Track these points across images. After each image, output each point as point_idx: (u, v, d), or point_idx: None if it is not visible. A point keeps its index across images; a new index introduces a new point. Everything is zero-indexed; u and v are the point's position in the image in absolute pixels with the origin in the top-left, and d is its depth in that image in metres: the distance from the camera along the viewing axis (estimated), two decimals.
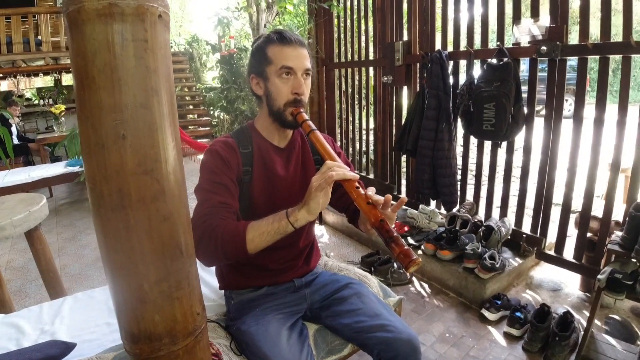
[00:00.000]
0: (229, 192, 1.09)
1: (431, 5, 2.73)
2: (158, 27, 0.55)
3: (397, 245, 0.84)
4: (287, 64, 1.10)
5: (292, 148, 1.26)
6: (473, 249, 2.26)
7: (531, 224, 2.49)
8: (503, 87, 2.22)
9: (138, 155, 0.55)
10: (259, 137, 1.21)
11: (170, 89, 0.59)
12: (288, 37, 1.12)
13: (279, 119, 1.15)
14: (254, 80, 1.18)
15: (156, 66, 0.55)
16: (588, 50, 2.03)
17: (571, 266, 2.35)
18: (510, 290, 2.41)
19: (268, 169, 1.19)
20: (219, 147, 1.14)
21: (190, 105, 7.78)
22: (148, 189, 0.56)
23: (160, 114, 0.56)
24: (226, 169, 1.11)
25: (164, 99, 0.56)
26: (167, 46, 0.57)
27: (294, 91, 1.12)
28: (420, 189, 2.74)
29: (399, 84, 3.05)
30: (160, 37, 0.56)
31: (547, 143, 2.29)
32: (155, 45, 0.54)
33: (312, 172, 1.28)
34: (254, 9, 4.92)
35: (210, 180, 1.09)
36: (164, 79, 0.56)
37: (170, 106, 0.58)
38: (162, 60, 0.56)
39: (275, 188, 1.20)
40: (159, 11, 0.54)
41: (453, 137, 2.61)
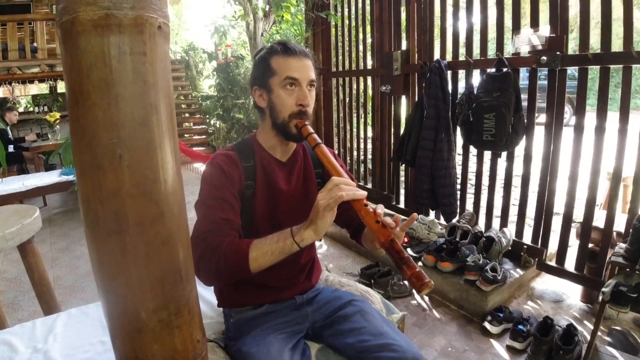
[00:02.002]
0: (231, 208, 1.05)
1: (429, 14, 2.72)
2: (157, 39, 0.52)
3: (408, 268, 0.81)
4: (292, 74, 1.08)
5: (294, 162, 1.23)
6: (474, 261, 2.23)
7: (532, 234, 2.46)
8: (503, 97, 2.21)
9: (136, 176, 0.51)
10: (261, 150, 1.18)
11: (170, 105, 0.56)
12: (292, 48, 1.10)
13: (282, 131, 1.12)
14: (256, 92, 1.15)
15: (155, 80, 0.51)
16: (588, 61, 2.02)
17: (573, 277, 2.33)
18: (511, 302, 2.38)
19: (270, 183, 1.16)
20: (221, 160, 1.11)
21: (187, 113, 7.74)
22: (146, 211, 0.53)
23: (160, 132, 0.52)
24: (228, 183, 1.08)
25: (163, 115, 0.53)
26: (167, 59, 0.54)
27: (298, 102, 1.09)
28: (420, 199, 2.72)
29: (398, 94, 3.04)
30: (159, 49, 0.52)
31: (548, 152, 2.27)
32: (154, 59, 0.51)
33: (313, 186, 1.25)
34: (251, 17, 4.91)
35: (212, 194, 1.05)
36: (164, 94, 0.53)
37: (170, 123, 0.55)
38: (162, 74, 0.53)
39: (277, 203, 1.17)
40: (158, 22, 0.51)
41: (452, 147, 2.59)
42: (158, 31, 0.51)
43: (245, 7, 5.01)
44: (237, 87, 6.09)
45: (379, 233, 0.87)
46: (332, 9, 3.65)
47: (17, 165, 5.55)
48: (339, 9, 3.63)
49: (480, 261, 2.25)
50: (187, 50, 8.36)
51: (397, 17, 3.02)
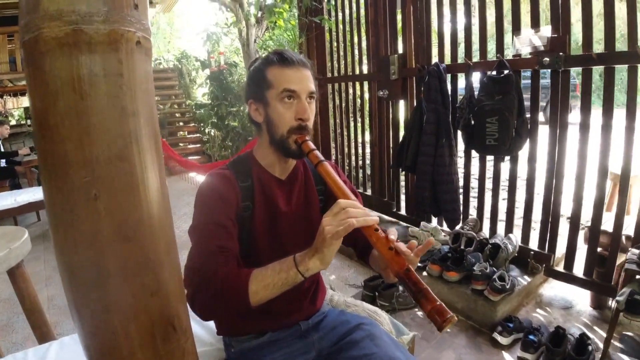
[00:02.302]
0: (228, 233, 0.97)
1: (426, 17, 2.66)
2: (136, 56, 0.44)
3: (427, 301, 0.74)
4: (290, 86, 1.00)
5: (295, 179, 1.15)
6: (481, 270, 2.16)
7: (538, 239, 2.40)
8: (505, 100, 2.15)
9: (115, 220, 0.44)
10: (259, 168, 1.10)
11: (154, 132, 0.48)
12: (289, 58, 1.02)
13: (281, 147, 1.04)
14: (252, 105, 1.07)
15: (135, 106, 0.44)
16: (592, 61, 1.96)
17: (581, 282, 2.27)
18: (520, 310, 2.31)
19: (270, 203, 1.08)
20: (216, 181, 1.03)
21: (181, 122, 7.66)
22: (130, 259, 0.45)
23: (142, 166, 0.45)
24: (224, 206, 1.00)
25: (146, 145, 0.46)
26: (148, 79, 0.47)
27: (297, 117, 1.01)
28: (422, 206, 2.65)
29: (395, 98, 2.98)
30: (139, 69, 0.45)
31: (553, 154, 2.21)
32: (133, 80, 0.44)
33: (316, 205, 1.17)
34: (244, 24, 4.84)
35: (207, 219, 0.97)
36: (147, 122, 0.46)
37: (155, 154, 0.47)
38: (143, 98, 0.45)
39: (278, 224, 1.09)
40: (137, 37, 0.44)
41: (454, 152, 2.53)
42: (137, 47, 0.44)
43: (237, 14, 4.95)
44: (231, 95, 6.01)
45: (392, 261, 0.79)
46: (325, 14, 3.59)
47: (9, 180, 5.43)
48: (333, 13, 3.57)
49: (487, 270, 2.17)
50: (180, 59, 8.28)
51: (392, 20, 2.96)
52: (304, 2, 3.44)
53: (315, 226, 1.21)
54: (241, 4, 4.72)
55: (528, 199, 2.38)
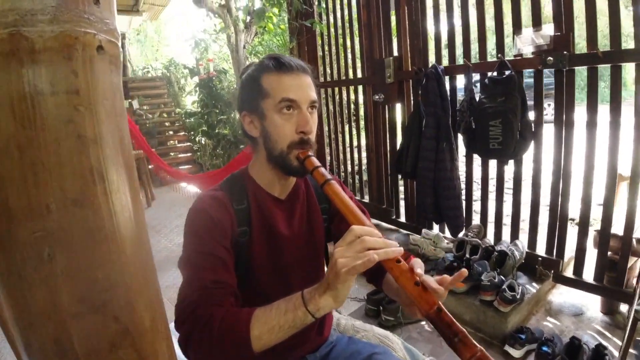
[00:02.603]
0: (224, 265, 0.86)
1: (422, 18, 2.58)
2: (97, 66, 0.34)
3: (466, 347, 0.63)
4: (289, 95, 0.88)
5: (296, 199, 1.03)
6: (490, 280, 2.06)
7: (546, 245, 2.31)
8: (508, 102, 2.06)
9: (79, 285, 0.33)
10: (255, 188, 0.98)
11: (126, 164, 0.37)
12: (287, 63, 0.90)
13: (281, 164, 0.93)
14: (246, 118, 0.96)
15: (98, 132, 0.33)
16: (599, 59, 1.89)
17: (592, 288, 2.19)
18: (530, 319, 2.22)
19: (269, 227, 0.97)
20: (207, 205, 0.91)
21: (170, 131, 7.50)
22: (103, 333, 0.34)
23: (110, 211, 0.34)
24: (218, 233, 0.88)
25: (115, 183, 0.34)
26: (115, 95, 0.36)
27: (299, 129, 0.90)
28: (424, 213, 2.55)
29: (391, 102, 2.89)
30: (102, 82, 0.34)
31: (559, 155, 2.13)
32: (94, 98, 0.33)
33: (319, 227, 1.06)
34: (232, 29, 4.73)
35: (199, 250, 0.86)
36: (114, 150, 0.35)
37: (129, 191, 0.36)
38: (109, 121, 0.35)
39: (278, 251, 0.98)
40: (97, 40, 0.33)
41: (455, 157, 2.44)
42: (98, 54, 0.33)
43: (225, 20, 4.84)
44: (221, 102, 5.89)
45: (420, 299, 0.68)
46: (316, 17, 3.49)
47: None
48: (324, 16, 3.48)
49: (496, 279, 2.08)
50: (168, 66, 8.14)
51: (386, 22, 2.87)
52: (294, 6, 3.35)
53: (319, 251, 1.09)
54: (229, 10, 4.61)
55: (534, 203, 2.30)
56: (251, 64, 0.99)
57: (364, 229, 0.70)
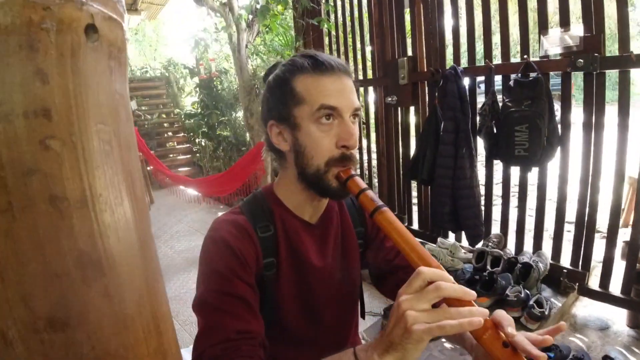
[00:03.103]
0: (249, 309, 0.73)
1: (438, 16, 2.45)
2: (87, 62, 0.23)
3: None
4: (329, 102, 0.74)
5: (329, 223, 0.89)
6: (516, 295, 1.94)
7: (571, 256, 2.20)
8: (535, 106, 1.95)
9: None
10: (283, 211, 0.84)
11: (146, 244, 0.24)
12: (326, 62, 0.76)
13: (316, 185, 0.79)
14: (273, 128, 0.82)
15: (89, 186, 0.21)
16: (632, 63, 1.77)
17: (619, 301, 2.09)
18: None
19: (299, 258, 0.83)
20: (227, 234, 0.77)
21: (169, 132, 7.35)
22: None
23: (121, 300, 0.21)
24: (241, 269, 0.75)
25: (115, 252, 0.22)
26: (120, 114, 0.24)
27: (340, 143, 0.76)
28: (441, 223, 2.43)
29: (405, 105, 2.76)
30: (96, 92, 0.24)
31: (587, 164, 2.01)
32: (81, 123, 0.21)
33: (355, 255, 0.92)
34: (234, 28, 4.59)
35: (219, 291, 0.73)
36: (121, 216, 0.22)
37: (147, 259, 0.23)
38: (110, 163, 0.22)
39: (310, 285, 0.84)
40: (87, 15, 0.21)
41: (474, 163, 2.32)
42: (88, 41, 0.21)
43: (227, 18, 4.70)
44: (221, 104, 5.75)
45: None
46: (324, 15, 3.36)
47: None
48: (332, 14, 3.35)
49: (522, 294, 1.96)
50: (167, 66, 7.98)
51: (400, 21, 2.74)
52: (301, 3, 3.21)
53: (355, 285, 0.94)
54: (231, 8, 4.46)
55: (559, 211, 2.18)
56: (277, 63, 0.85)
57: (435, 273, 0.56)
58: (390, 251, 0.96)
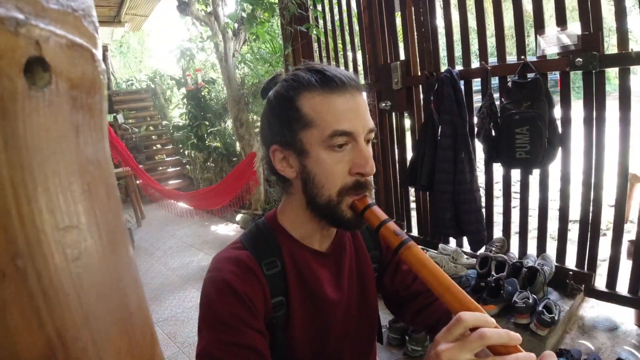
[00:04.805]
0: (260, 358, 0.65)
1: (431, 18, 2.41)
2: (34, 118, 0.13)
3: None
4: (343, 127, 0.66)
5: (342, 250, 0.81)
6: (524, 301, 1.89)
7: (576, 257, 2.16)
8: (535, 108, 1.91)
9: None
10: (289, 242, 0.76)
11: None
12: (337, 79, 0.67)
13: (328, 215, 0.71)
14: (277, 154, 0.72)
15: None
16: (631, 60, 1.75)
17: (626, 301, 2.07)
18: (564, 339, 2.06)
19: (312, 293, 0.75)
20: (229, 274, 0.68)
21: (158, 144, 7.22)
22: None
23: None
24: (249, 315, 0.67)
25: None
26: (107, 191, 0.16)
27: (355, 170, 0.68)
28: (442, 229, 2.37)
29: (399, 110, 2.72)
30: (63, 168, 0.14)
31: (589, 164, 1.98)
32: (37, 227, 0.13)
33: (371, 283, 0.84)
34: (220, 37, 4.53)
35: (224, 341, 0.64)
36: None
37: None
38: (93, 278, 0.14)
39: (325, 323, 0.76)
40: (31, 39, 0.12)
41: (474, 167, 2.27)
42: (34, 85, 0.12)
43: (212, 27, 4.63)
44: (210, 114, 5.66)
45: None
46: (312, 21, 3.31)
47: None
48: (320, 20, 3.30)
49: (530, 299, 1.91)
50: (153, 78, 7.86)
51: (391, 25, 2.70)
52: (290, 9, 3.15)
53: (374, 318, 0.86)
54: (217, 17, 4.40)
55: (562, 213, 2.15)
56: (277, 77, 0.76)
57: (477, 318, 0.50)
58: (407, 275, 0.89)
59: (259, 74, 4.96)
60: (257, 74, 5.03)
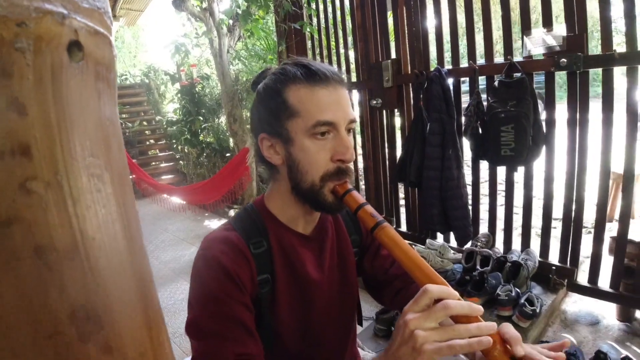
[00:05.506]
0: (247, 331, 0.70)
1: (421, 18, 2.46)
2: (72, 86, 0.20)
3: None
4: (325, 117, 0.71)
5: (324, 234, 0.87)
6: (507, 294, 1.95)
7: (559, 253, 2.23)
8: (521, 106, 1.96)
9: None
10: (276, 225, 0.81)
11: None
12: (321, 72, 0.73)
13: (312, 199, 0.76)
14: (264, 141, 0.78)
15: (85, 240, 0.19)
16: (614, 61, 1.80)
17: (608, 296, 2.13)
18: (547, 332, 2.12)
19: (296, 272, 0.80)
20: (220, 253, 0.73)
21: (151, 139, 7.22)
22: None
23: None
24: (236, 290, 0.71)
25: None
26: (112, 145, 0.22)
27: (336, 157, 0.73)
28: (430, 224, 2.43)
29: (390, 107, 2.76)
30: (84, 120, 0.21)
31: (572, 161, 2.04)
32: (66, 162, 0.20)
33: (352, 265, 0.90)
34: (215, 33, 4.55)
35: (214, 314, 0.69)
36: (128, 291, 0.21)
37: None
38: (105, 211, 0.21)
39: (308, 300, 0.81)
40: (70, 30, 0.19)
41: (461, 164, 2.33)
42: (71, 60, 0.19)
43: (207, 23, 4.65)
44: (204, 110, 5.67)
45: None
46: (306, 19, 3.34)
47: None
48: (314, 18, 3.33)
49: (513, 293, 1.97)
50: (147, 73, 7.85)
51: (383, 24, 2.74)
52: (284, 7, 3.19)
53: (354, 297, 0.92)
54: (212, 13, 4.42)
55: (546, 209, 2.21)
56: (266, 71, 0.82)
57: (442, 290, 0.56)
58: (386, 260, 0.95)
59: (253, 71, 4.99)
60: (251, 70, 5.06)
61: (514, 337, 0.57)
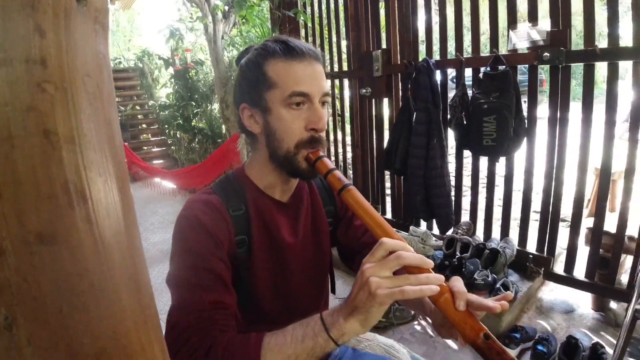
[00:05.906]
0: (222, 283, 0.75)
1: (412, 10, 2.50)
2: (77, 25, 0.28)
3: None
4: (300, 88, 0.77)
5: (300, 201, 0.92)
6: (483, 279, 2.02)
7: (537, 242, 2.29)
8: (503, 98, 2.01)
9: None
10: (254, 191, 0.86)
11: (121, 173, 0.28)
12: (298, 48, 0.78)
13: (287, 166, 0.82)
14: (245, 111, 0.84)
15: (76, 126, 0.27)
16: (596, 56, 1.85)
17: (583, 285, 2.20)
18: (522, 317, 2.20)
19: (272, 235, 0.86)
20: (199, 212, 0.78)
21: (143, 124, 7.21)
22: None
23: (95, 247, 0.24)
24: (214, 246, 0.76)
25: (104, 202, 0.26)
26: (103, 72, 0.31)
27: (310, 126, 0.78)
28: (414, 211, 2.49)
29: (379, 96, 2.80)
30: (83, 49, 0.29)
31: (552, 153, 2.10)
32: (70, 73, 0.27)
33: (325, 233, 0.96)
34: (210, 19, 4.53)
35: (192, 266, 0.74)
36: (101, 154, 0.28)
37: (125, 216, 0.26)
38: (93, 108, 0.29)
39: (282, 262, 0.87)
40: None
41: (445, 153, 2.38)
42: (78, 5, 0.27)
43: (202, 8, 4.63)
44: (197, 95, 5.67)
45: (464, 326, 0.60)
46: (300, 7, 3.36)
47: None
48: (308, 7, 3.35)
49: (489, 278, 2.04)
50: (141, 57, 7.79)
51: (375, 14, 2.78)
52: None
53: (326, 261, 0.99)
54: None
55: (525, 200, 2.27)
56: (250, 47, 0.87)
57: (396, 243, 0.61)
58: (359, 229, 1.00)
59: (243, 50, 4.99)
60: None
61: (460, 290, 0.62)
